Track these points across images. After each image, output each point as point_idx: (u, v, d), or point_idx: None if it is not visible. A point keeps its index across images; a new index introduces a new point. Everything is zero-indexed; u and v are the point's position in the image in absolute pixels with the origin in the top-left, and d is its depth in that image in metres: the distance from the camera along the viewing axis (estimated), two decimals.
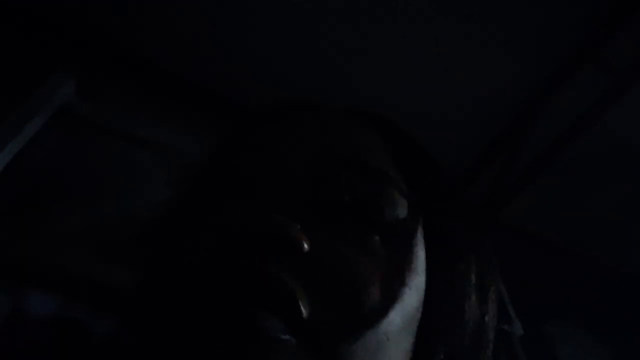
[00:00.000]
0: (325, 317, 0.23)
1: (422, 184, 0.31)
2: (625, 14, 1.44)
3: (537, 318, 1.92)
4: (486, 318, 0.29)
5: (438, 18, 1.52)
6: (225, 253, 0.24)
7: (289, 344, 0.22)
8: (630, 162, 1.80)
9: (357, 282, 0.24)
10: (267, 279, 0.23)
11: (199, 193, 0.31)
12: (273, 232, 0.24)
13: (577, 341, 2.02)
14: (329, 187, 0.27)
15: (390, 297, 0.25)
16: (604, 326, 2.11)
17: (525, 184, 1.84)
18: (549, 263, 2.09)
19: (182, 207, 0.32)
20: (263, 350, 0.22)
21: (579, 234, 2.06)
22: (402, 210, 0.28)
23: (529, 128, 1.73)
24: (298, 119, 0.33)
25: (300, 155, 0.29)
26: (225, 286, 0.23)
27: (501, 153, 1.83)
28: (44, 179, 1.13)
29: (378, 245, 0.26)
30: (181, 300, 0.24)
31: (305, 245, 0.24)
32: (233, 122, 0.35)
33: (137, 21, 1.55)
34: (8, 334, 0.81)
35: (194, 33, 1.56)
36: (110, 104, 1.30)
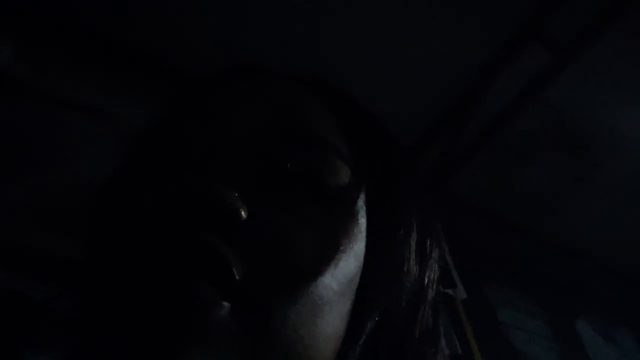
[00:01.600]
0: (259, 282, 0.24)
1: (370, 151, 0.31)
2: None
3: (478, 283, 2.01)
4: (425, 280, 0.30)
5: None
6: (162, 216, 0.24)
7: (222, 308, 0.23)
8: (570, 137, 1.89)
9: (292, 248, 0.25)
10: (200, 246, 0.23)
11: (143, 161, 0.31)
12: (210, 199, 0.24)
13: (515, 304, 2.13)
14: (272, 157, 0.28)
15: (326, 263, 0.26)
16: (536, 288, 2.24)
17: (471, 155, 1.90)
18: (490, 232, 2.18)
19: (126, 174, 0.31)
20: (197, 316, 0.22)
21: (517, 204, 2.16)
22: (344, 178, 0.29)
23: (476, 101, 1.78)
24: (246, 86, 0.32)
25: (245, 124, 0.29)
26: (161, 253, 0.23)
27: (449, 125, 1.88)
28: None
29: (317, 213, 0.27)
30: (120, 267, 0.24)
31: (243, 213, 0.24)
32: (180, 87, 0.34)
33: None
34: None
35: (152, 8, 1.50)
36: (52, 70, 1.24)
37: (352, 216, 0.29)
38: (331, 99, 0.33)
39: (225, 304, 0.23)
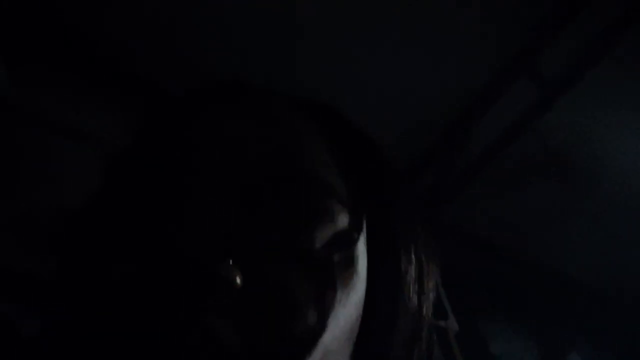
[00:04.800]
0: (261, 345, 0.23)
1: (366, 178, 0.30)
2: (556, 28, 1.51)
3: (469, 314, 1.99)
4: (423, 315, 0.29)
5: (387, 19, 1.55)
6: (154, 285, 0.23)
7: None
8: (558, 165, 1.90)
9: (292, 307, 0.24)
10: (194, 325, 0.22)
11: (123, 189, 0.29)
12: (205, 271, 0.22)
13: (507, 337, 2.11)
14: (265, 202, 0.26)
15: (328, 315, 0.24)
16: (531, 321, 2.22)
17: (463, 184, 1.90)
18: (481, 261, 2.18)
19: (105, 203, 0.29)
20: None
21: (509, 233, 2.16)
22: (342, 221, 0.27)
23: (468, 131, 1.79)
24: (231, 110, 0.30)
25: (232, 157, 0.27)
26: (152, 319, 0.22)
27: (442, 154, 1.88)
28: None
29: (317, 262, 0.25)
30: (104, 308, 0.23)
31: (238, 281, 0.23)
32: (164, 107, 0.33)
33: (72, 8, 1.47)
34: None
35: (126, 19, 1.50)
36: (38, 91, 1.23)
37: (353, 260, 0.27)
38: (327, 123, 0.32)
39: None
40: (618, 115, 1.71)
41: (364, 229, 0.28)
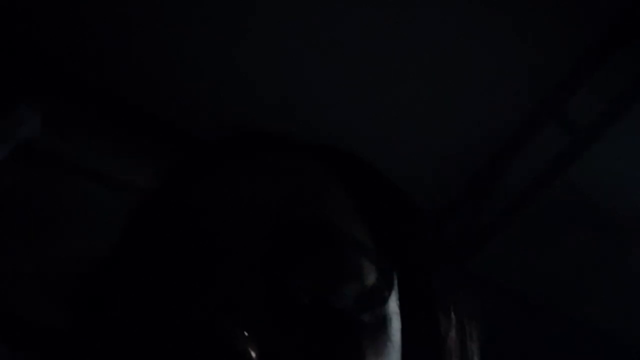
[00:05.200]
0: None
1: (397, 230, 0.28)
2: (585, 75, 1.50)
3: None
4: None
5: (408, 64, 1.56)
6: (167, 351, 0.22)
7: None
8: (590, 214, 1.84)
9: None
10: None
11: (141, 244, 0.28)
12: (218, 345, 0.21)
13: None
14: (287, 259, 0.24)
15: None
16: None
17: (491, 235, 1.85)
18: (514, 315, 2.09)
19: (124, 257, 0.29)
20: None
21: (542, 285, 2.07)
22: (370, 277, 0.25)
23: (496, 180, 1.76)
24: (250, 166, 0.29)
25: (252, 218, 0.26)
26: None
27: (468, 204, 1.85)
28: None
29: (345, 325, 0.23)
30: None
31: (253, 355, 0.21)
32: (185, 155, 0.32)
33: (105, 59, 1.53)
34: None
35: (158, 66, 1.55)
36: (72, 139, 1.26)
37: (385, 322, 0.25)
38: (348, 170, 0.30)
39: None
40: None
41: (396, 287, 0.26)
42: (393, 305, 0.26)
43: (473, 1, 1.44)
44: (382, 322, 0.25)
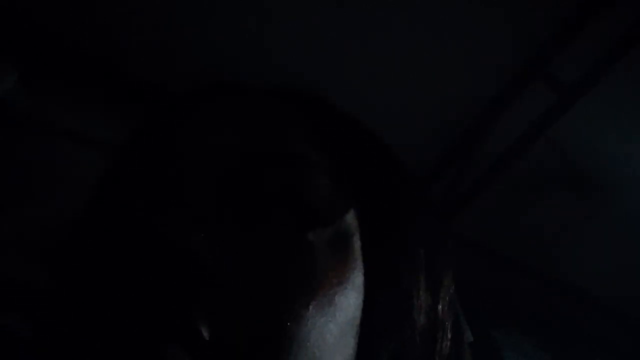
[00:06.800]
0: (238, 338, 0.21)
1: (364, 170, 0.28)
2: (570, 33, 1.49)
3: (484, 325, 1.94)
4: (439, 311, 0.27)
5: (399, 23, 1.54)
6: (144, 283, 0.22)
7: None
8: (573, 174, 1.87)
9: (275, 291, 0.22)
10: (176, 321, 0.21)
11: (111, 193, 0.29)
12: (173, 244, 0.22)
13: (523, 349, 2.06)
14: (250, 184, 0.25)
15: (322, 304, 0.22)
16: (544, 333, 2.17)
17: (476, 194, 1.87)
18: (496, 272, 2.13)
19: (100, 209, 0.30)
20: None
21: (522, 244, 2.11)
22: (324, 192, 0.25)
23: (480, 138, 1.76)
24: (222, 105, 0.30)
25: (220, 149, 0.27)
26: (136, 318, 0.22)
27: (453, 162, 1.85)
28: None
29: (300, 239, 0.24)
30: (95, 317, 0.23)
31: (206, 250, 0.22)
32: (150, 108, 0.33)
33: (84, 19, 1.48)
34: None
35: (128, 24, 1.51)
36: (48, 99, 1.23)
37: (343, 238, 0.25)
38: (315, 113, 0.31)
39: None
40: (637, 123, 1.67)
41: (353, 208, 0.26)
42: (352, 224, 0.26)
43: None
44: (342, 236, 0.25)
